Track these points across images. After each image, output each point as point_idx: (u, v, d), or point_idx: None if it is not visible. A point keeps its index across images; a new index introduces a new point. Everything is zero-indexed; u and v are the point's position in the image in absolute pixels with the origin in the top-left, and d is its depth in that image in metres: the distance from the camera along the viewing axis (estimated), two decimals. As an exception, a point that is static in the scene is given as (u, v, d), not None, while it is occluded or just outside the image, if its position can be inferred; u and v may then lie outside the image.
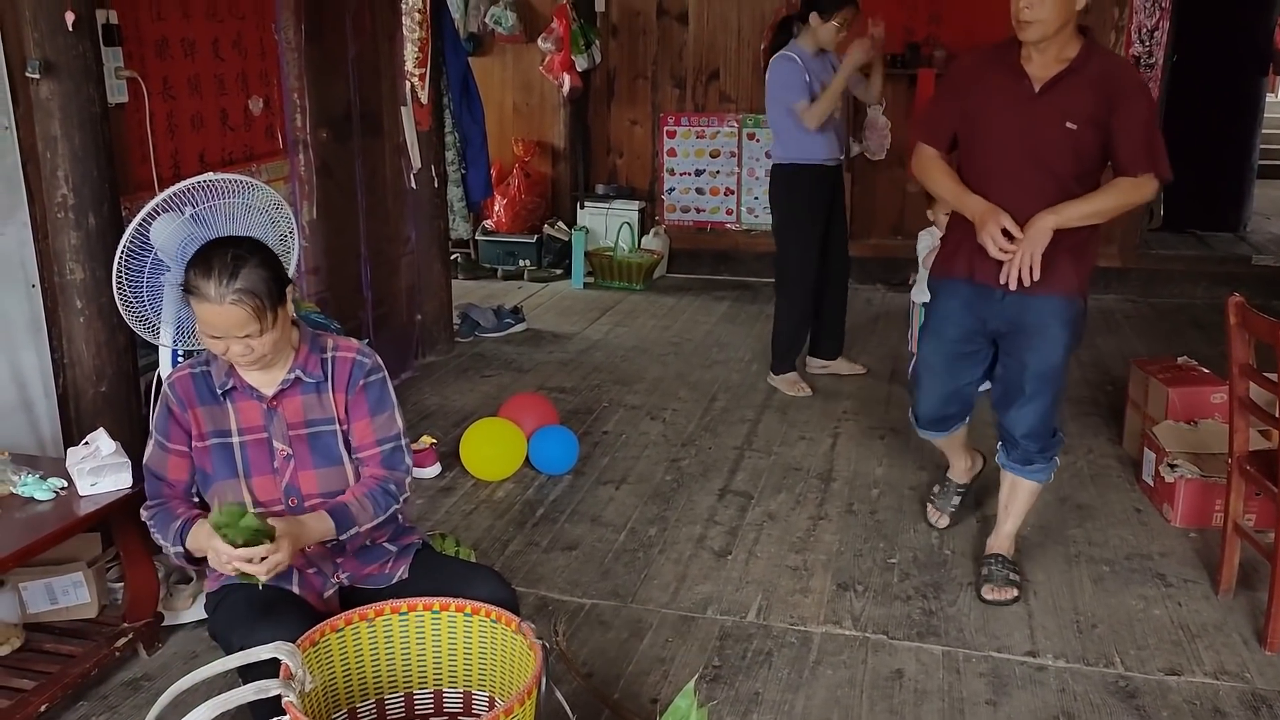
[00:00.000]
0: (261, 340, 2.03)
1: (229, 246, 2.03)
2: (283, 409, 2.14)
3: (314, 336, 2.19)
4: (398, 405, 2.23)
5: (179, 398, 2.13)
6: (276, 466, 2.14)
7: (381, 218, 4.67)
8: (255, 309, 1.99)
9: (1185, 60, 6.59)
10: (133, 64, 3.08)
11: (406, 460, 2.23)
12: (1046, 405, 2.86)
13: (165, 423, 2.14)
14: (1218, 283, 6.07)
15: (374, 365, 2.20)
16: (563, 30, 6.50)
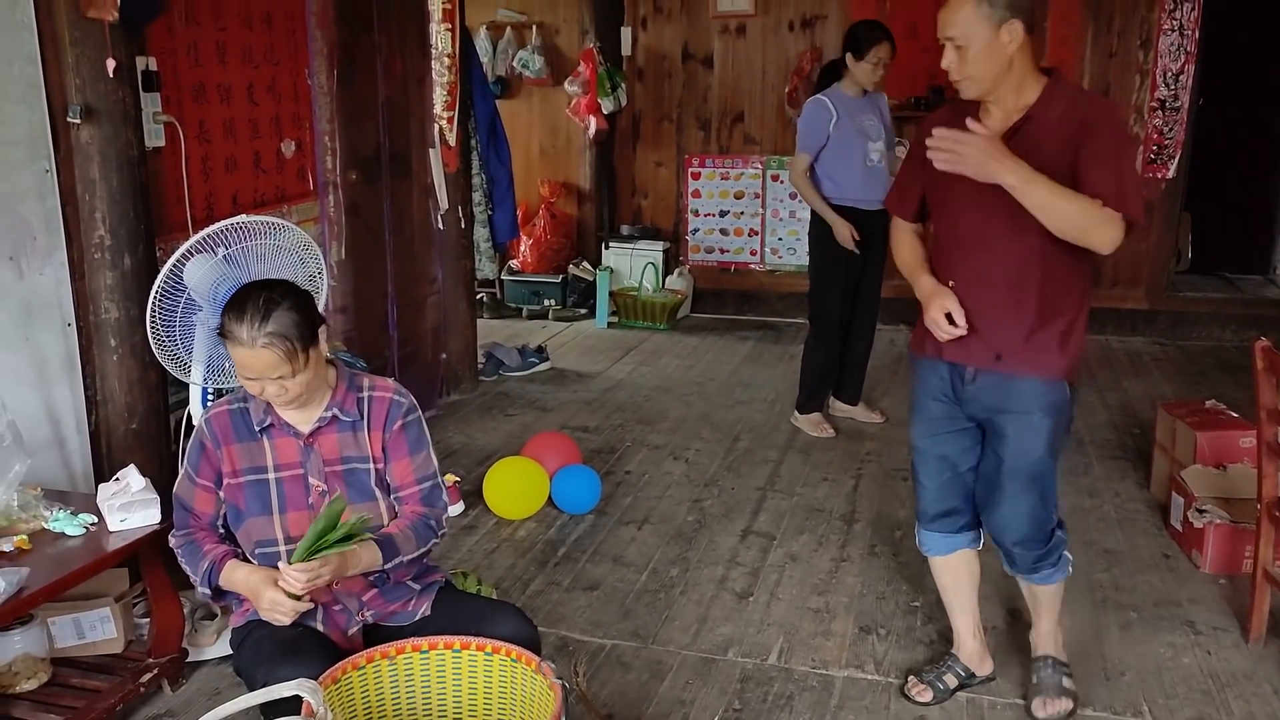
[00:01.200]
0: (295, 381, 2.07)
1: (261, 290, 2.07)
2: (319, 446, 2.18)
3: (351, 376, 2.23)
4: (431, 444, 2.27)
5: (213, 434, 2.17)
6: (311, 502, 2.17)
7: (409, 258, 4.74)
8: (286, 352, 2.02)
9: (1212, 103, 6.59)
10: (170, 109, 3.16)
11: (444, 497, 2.28)
12: (1032, 506, 2.48)
13: (197, 457, 2.18)
14: (1246, 325, 6.02)
15: (410, 405, 2.25)
16: (589, 73, 6.59)
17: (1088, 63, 6.09)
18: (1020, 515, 2.49)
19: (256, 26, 3.60)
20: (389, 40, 4.39)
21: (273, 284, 2.12)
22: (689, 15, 6.76)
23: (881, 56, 4.31)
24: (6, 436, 2.39)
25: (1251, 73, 6.94)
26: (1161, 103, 5.98)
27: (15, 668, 2.49)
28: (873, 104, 4.46)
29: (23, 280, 2.78)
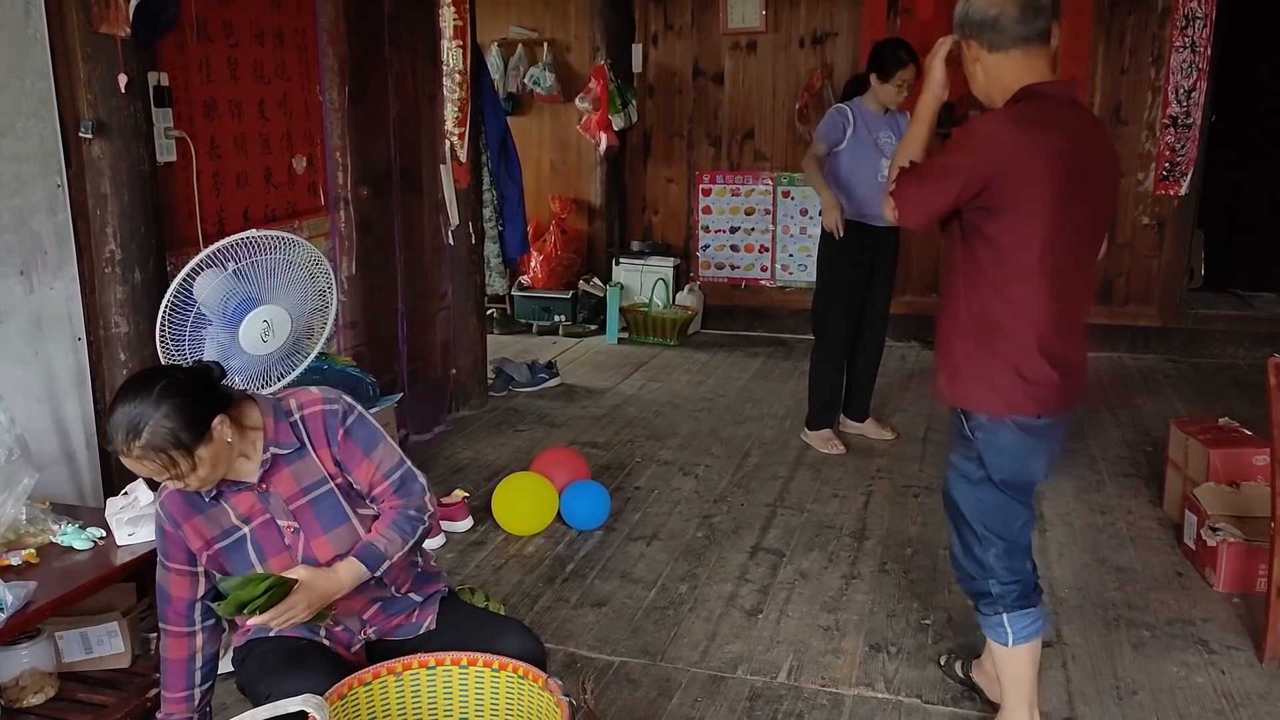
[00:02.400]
0: (192, 478, 1.97)
1: (136, 394, 1.93)
2: (274, 487, 2.09)
3: (275, 405, 2.12)
4: (383, 431, 2.18)
5: (170, 516, 2.10)
6: (288, 543, 2.11)
7: (419, 273, 4.75)
8: (163, 463, 1.92)
9: (1224, 120, 6.57)
10: (181, 124, 3.18)
11: (420, 478, 2.18)
12: (953, 544, 2.48)
13: (162, 541, 2.13)
14: (1260, 343, 5.98)
15: (345, 408, 2.14)
16: (600, 90, 6.62)
17: (1099, 79, 6.08)
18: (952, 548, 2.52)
19: (268, 43, 3.63)
20: (400, 57, 4.41)
21: (153, 381, 1.95)
22: (700, 32, 6.78)
23: (906, 79, 4.30)
24: (15, 450, 2.39)
25: (1264, 89, 6.92)
26: (1174, 119, 5.97)
27: (22, 682, 2.48)
28: (892, 122, 4.45)
29: (33, 294, 2.80)
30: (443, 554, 3.64)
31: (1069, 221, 2.23)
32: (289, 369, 2.95)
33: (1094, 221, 2.32)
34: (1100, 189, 2.33)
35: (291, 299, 2.81)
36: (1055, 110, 2.25)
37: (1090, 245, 2.35)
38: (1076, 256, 2.30)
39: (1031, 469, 2.38)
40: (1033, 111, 2.24)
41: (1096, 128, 2.38)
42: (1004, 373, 2.29)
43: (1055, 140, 2.20)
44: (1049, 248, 2.22)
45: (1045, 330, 2.27)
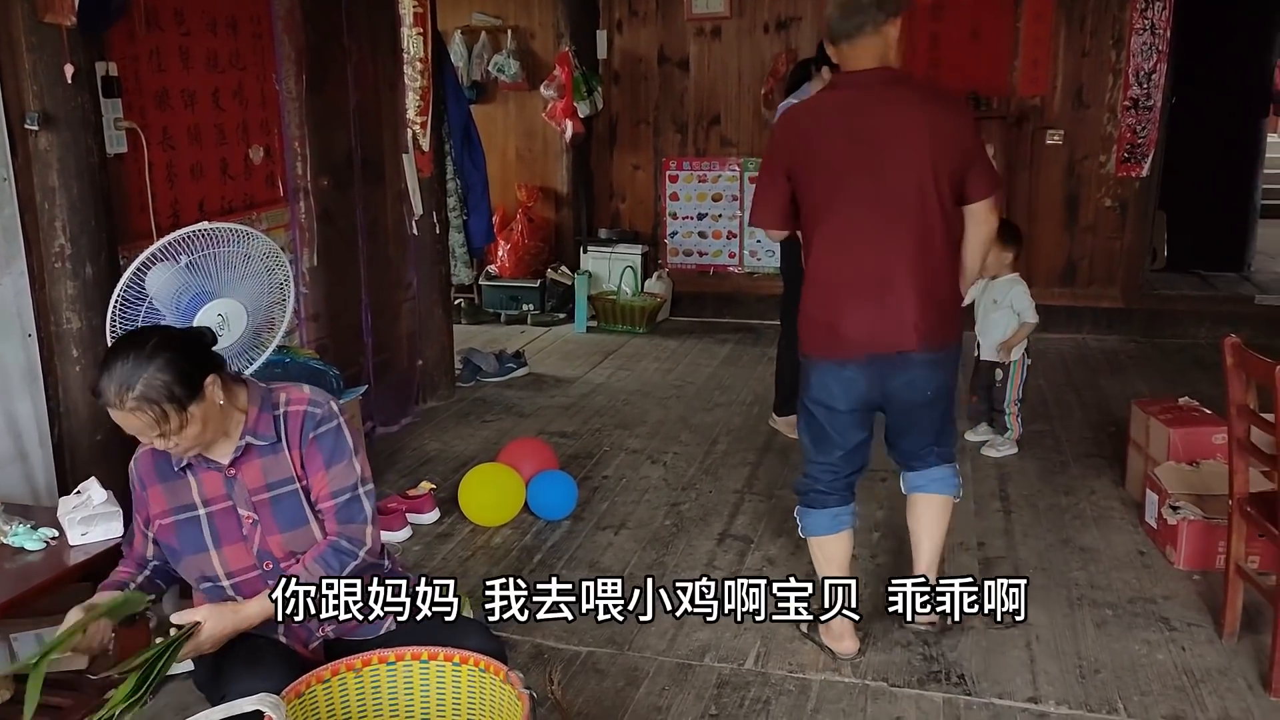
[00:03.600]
0: (180, 437, 1.96)
1: (132, 348, 1.94)
2: (242, 475, 2.08)
3: (266, 394, 2.12)
4: (356, 451, 2.14)
5: (139, 476, 2.11)
6: (245, 534, 2.09)
7: (383, 264, 4.70)
8: (156, 416, 1.92)
9: (1185, 102, 6.62)
10: (132, 115, 3.12)
11: (365, 509, 2.14)
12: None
13: (133, 497, 2.16)
14: (1221, 322, 6.03)
15: (325, 414, 2.12)
16: (565, 77, 6.58)
17: (1061, 62, 6.11)
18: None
19: (221, 31, 3.57)
20: (359, 45, 4.36)
21: (148, 336, 1.98)
22: (664, 18, 6.75)
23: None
24: (-36, 450, 2.35)
25: (1222, 71, 6.98)
26: (1135, 101, 6.01)
27: (-24, 685, 2.44)
28: None
29: (-18, 291, 2.74)
30: (409, 546, 3.62)
31: (855, 190, 2.58)
32: (248, 362, 2.91)
33: (892, 189, 2.57)
34: (897, 161, 2.56)
35: (247, 292, 2.77)
36: (850, 95, 2.62)
37: (891, 210, 2.59)
38: (869, 220, 2.60)
39: (841, 398, 2.73)
40: (827, 99, 2.70)
41: (906, 103, 2.59)
42: (805, 317, 2.76)
43: (836, 122, 2.59)
44: (829, 213, 2.61)
45: (841, 285, 2.64)
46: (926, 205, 2.58)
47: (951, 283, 2.70)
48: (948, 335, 2.70)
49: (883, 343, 2.64)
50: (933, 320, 2.63)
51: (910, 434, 2.85)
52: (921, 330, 2.62)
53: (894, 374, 2.68)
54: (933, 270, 2.63)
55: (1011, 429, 4.35)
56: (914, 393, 2.72)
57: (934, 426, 2.84)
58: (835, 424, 2.77)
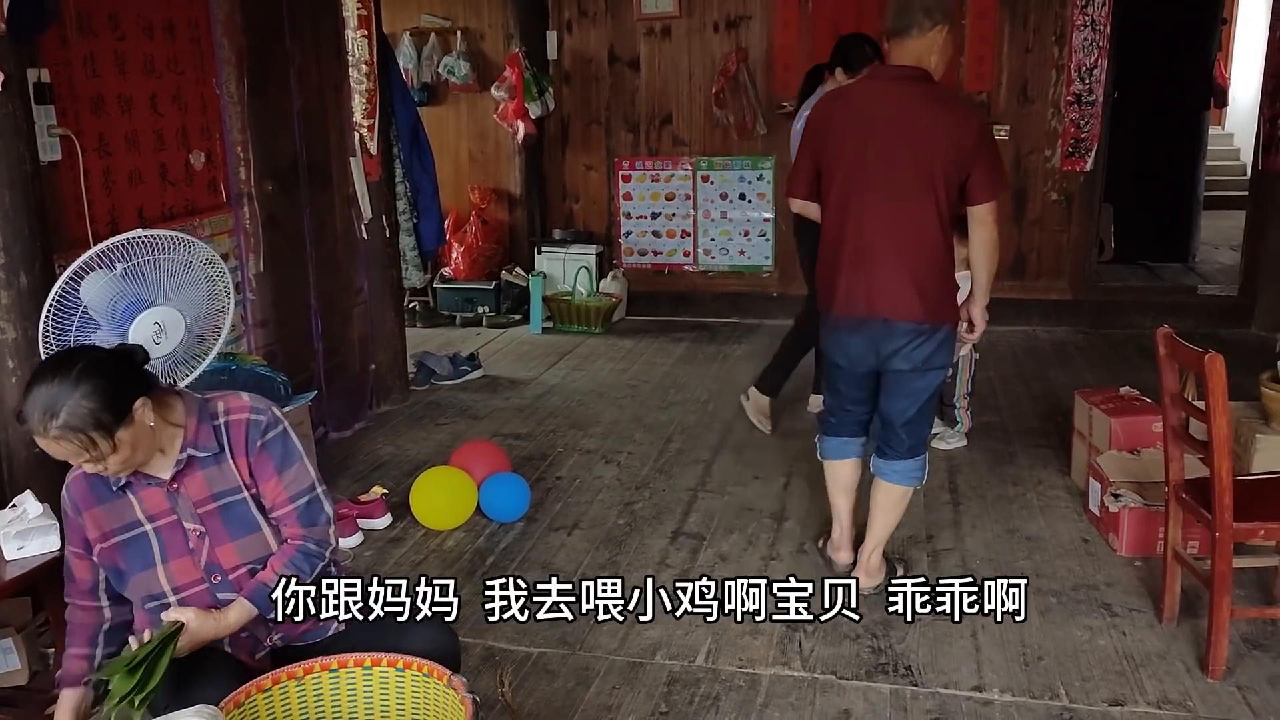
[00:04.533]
0: (111, 461, 1.93)
1: (57, 372, 1.89)
2: (184, 489, 2.06)
3: (203, 404, 2.10)
4: (306, 454, 2.15)
5: (73, 501, 2.07)
6: (192, 547, 2.07)
7: (332, 269, 4.67)
8: (82, 443, 1.88)
9: (1127, 97, 6.74)
10: (66, 121, 3.07)
11: (326, 509, 2.16)
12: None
13: (66, 525, 2.11)
14: (1165, 313, 6.09)
15: (270, 420, 2.11)
16: (515, 78, 6.56)
17: (1005, 58, 6.19)
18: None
19: (158, 36, 3.52)
20: (302, 48, 4.32)
21: (72, 361, 1.92)
22: (613, 18, 6.76)
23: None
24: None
25: (1164, 65, 7.12)
26: (1077, 97, 6.10)
27: (-88, 704, 2.40)
28: None
29: (-88, 302, 2.69)
30: (361, 552, 3.60)
31: (863, 171, 2.90)
32: (190, 370, 2.87)
33: (894, 174, 2.87)
34: (902, 151, 2.85)
35: (188, 300, 2.74)
36: (876, 86, 3.00)
37: (891, 193, 2.88)
38: (872, 199, 2.90)
39: (842, 354, 3.08)
40: (857, 87, 3.14)
41: (915, 100, 2.88)
42: (818, 277, 3.12)
43: (858, 109, 2.95)
44: (842, 190, 2.95)
45: (843, 253, 2.97)
46: (923, 194, 2.85)
47: (939, 267, 2.93)
48: (932, 314, 2.92)
49: (870, 308, 2.94)
50: (915, 295, 2.89)
51: (891, 403, 3.07)
52: (904, 302, 2.90)
53: (882, 340, 2.96)
54: (921, 252, 2.89)
55: (961, 422, 4.40)
56: (899, 360, 2.96)
57: (914, 402, 3.04)
58: (839, 374, 3.18)
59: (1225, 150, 10.62)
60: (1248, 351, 5.32)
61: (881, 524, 3.19)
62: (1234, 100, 10.72)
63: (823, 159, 3.01)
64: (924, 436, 3.14)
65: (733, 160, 6.76)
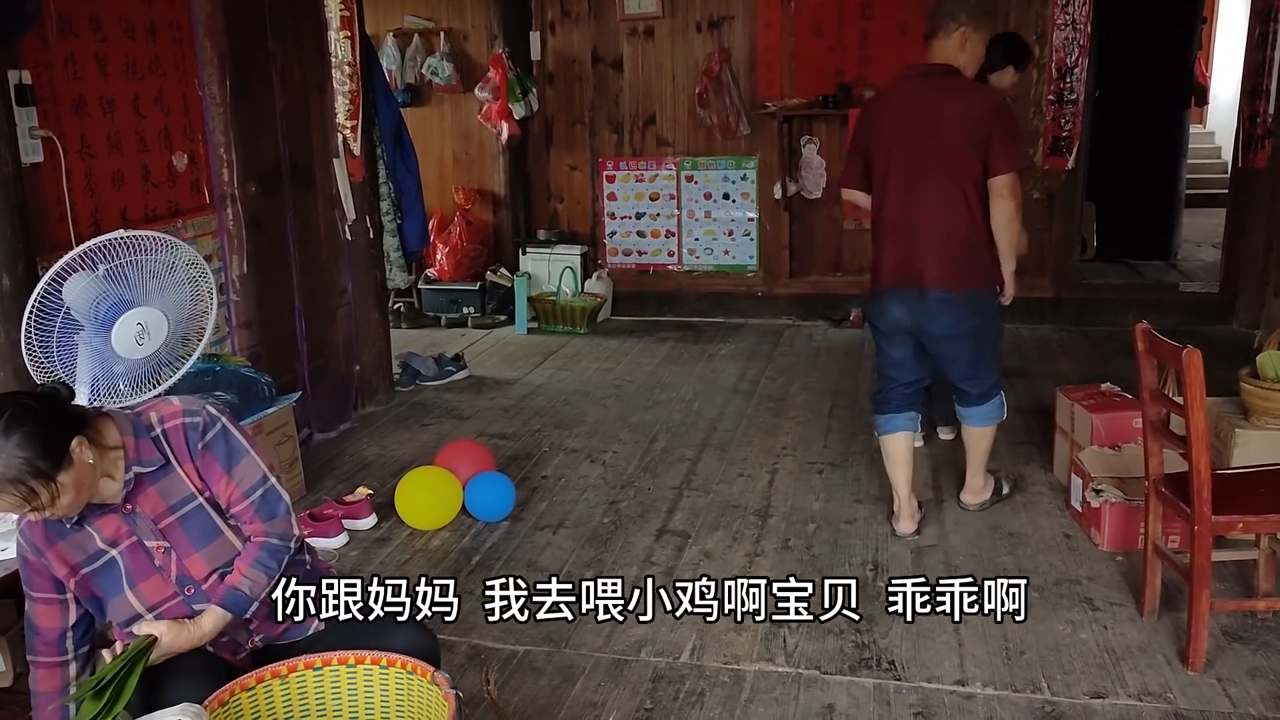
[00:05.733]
0: (54, 507, 1.88)
1: None
2: (139, 507, 2.02)
3: (135, 420, 2.04)
4: (252, 447, 2.11)
5: (31, 544, 2.01)
6: (159, 564, 2.04)
7: (316, 270, 4.66)
8: (24, 495, 1.83)
9: (1108, 95, 6.79)
10: (48, 123, 3.07)
11: (283, 498, 2.12)
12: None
13: (25, 572, 2.04)
14: (1147, 310, 6.15)
15: (206, 420, 2.06)
16: (499, 79, 6.57)
17: (987, 58, 6.21)
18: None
19: (140, 37, 3.52)
20: (285, 49, 4.31)
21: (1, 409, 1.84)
22: (597, 18, 6.77)
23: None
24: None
25: (1145, 64, 7.17)
26: (1058, 95, 6.14)
27: (-106, 708, 2.39)
28: None
29: (-107, 305, 2.68)
30: (346, 552, 3.60)
31: (902, 158, 3.28)
32: (173, 372, 2.87)
33: (928, 160, 3.24)
34: (934, 138, 3.23)
35: (171, 301, 2.74)
36: (910, 84, 3.39)
37: (926, 176, 3.26)
38: (910, 182, 3.28)
39: (883, 320, 3.45)
40: (893, 87, 3.50)
41: (938, 91, 3.27)
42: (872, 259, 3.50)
43: (895, 106, 3.37)
44: (883, 177, 3.35)
45: (884, 231, 3.38)
46: (949, 175, 3.24)
47: (971, 239, 3.29)
48: (964, 280, 3.30)
49: (907, 278, 3.33)
50: (948, 265, 3.27)
51: (946, 367, 3.49)
52: (936, 270, 3.28)
53: (920, 307, 3.34)
54: (950, 227, 3.27)
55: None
56: (936, 325, 3.35)
57: (966, 360, 3.44)
58: (884, 342, 3.53)
59: (1206, 148, 10.70)
60: (1229, 347, 5.38)
61: (975, 454, 3.67)
62: (1215, 98, 10.81)
63: (869, 152, 3.41)
64: (990, 383, 3.52)
65: (716, 160, 6.78)
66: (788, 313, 6.82)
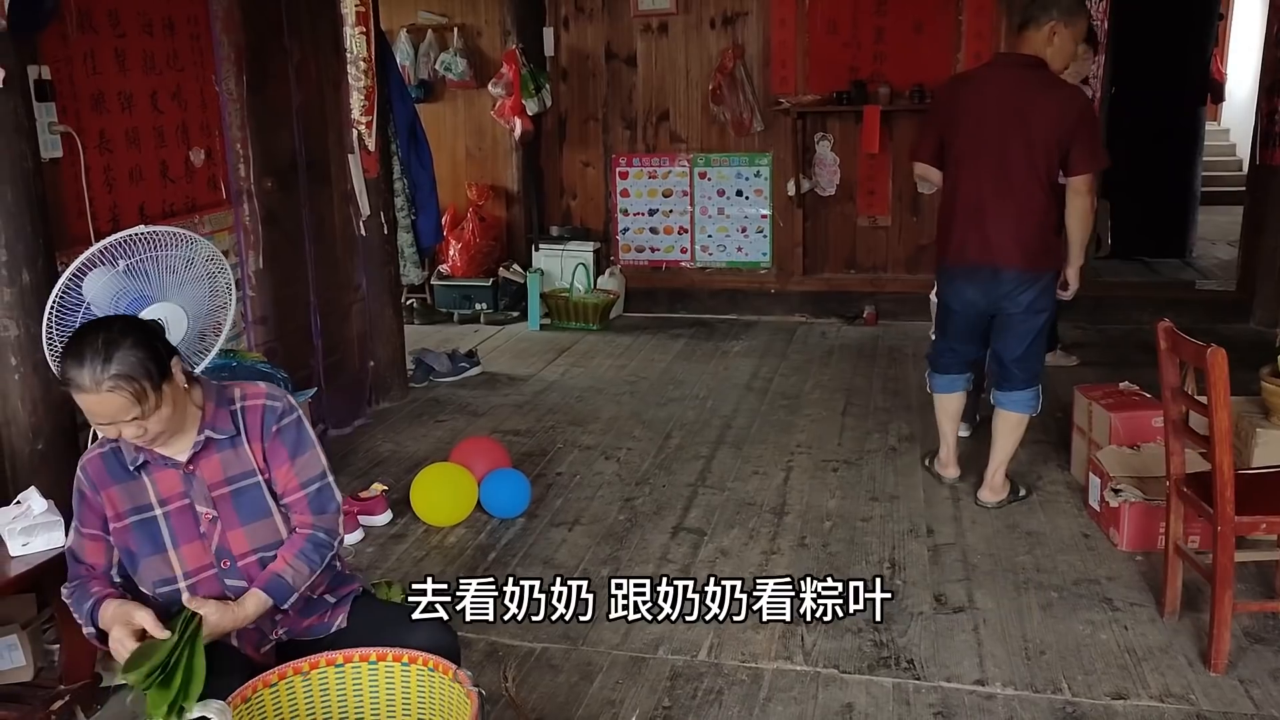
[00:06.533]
0: (152, 420, 1.96)
1: (100, 330, 1.95)
2: (200, 471, 2.08)
3: (219, 390, 2.13)
4: (318, 443, 2.19)
5: (90, 479, 2.08)
6: (203, 531, 2.08)
7: (331, 266, 4.66)
8: (135, 393, 1.91)
9: (1125, 92, 6.75)
10: (67, 119, 3.07)
11: (336, 497, 2.19)
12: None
13: (79, 506, 2.10)
14: (1163, 308, 6.08)
15: (285, 407, 2.15)
16: (513, 75, 6.56)
17: (1003, 54, 6.18)
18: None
19: (158, 32, 3.51)
20: (301, 45, 4.31)
21: (111, 322, 2.01)
22: (610, 15, 6.75)
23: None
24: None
25: (1161, 61, 7.13)
26: (1075, 92, 6.09)
27: (-84, 702, 2.40)
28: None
29: (-86, 300, 2.68)
30: (362, 548, 3.60)
31: (979, 142, 3.44)
32: (192, 367, 2.87)
33: (1004, 146, 3.40)
34: (1012, 127, 3.38)
35: (189, 296, 2.74)
36: (997, 71, 3.57)
37: (1001, 161, 3.42)
38: (985, 165, 3.45)
39: (955, 297, 3.65)
40: (978, 72, 3.73)
41: (1027, 83, 3.40)
42: (938, 231, 3.73)
43: (978, 90, 3.51)
44: (960, 157, 3.50)
45: (958, 209, 3.54)
46: (1029, 163, 3.39)
47: (1040, 224, 3.45)
48: (1033, 263, 3.46)
49: (979, 257, 3.50)
50: (1023, 248, 3.44)
51: (1005, 346, 3.62)
52: (1011, 252, 3.44)
53: (991, 285, 3.51)
54: (1025, 211, 3.43)
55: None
56: (1008, 302, 3.52)
57: (1025, 341, 3.58)
58: (951, 317, 3.72)
59: (1222, 145, 10.65)
60: (1246, 346, 5.33)
61: (1002, 447, 3.70)
62: (1231, 95, 10.74)
63: (946, 131, 3.56)
64: (1036, 371, 3.63)
65: (730, 157, 6.76)
66: (801, 310, 6.80)
